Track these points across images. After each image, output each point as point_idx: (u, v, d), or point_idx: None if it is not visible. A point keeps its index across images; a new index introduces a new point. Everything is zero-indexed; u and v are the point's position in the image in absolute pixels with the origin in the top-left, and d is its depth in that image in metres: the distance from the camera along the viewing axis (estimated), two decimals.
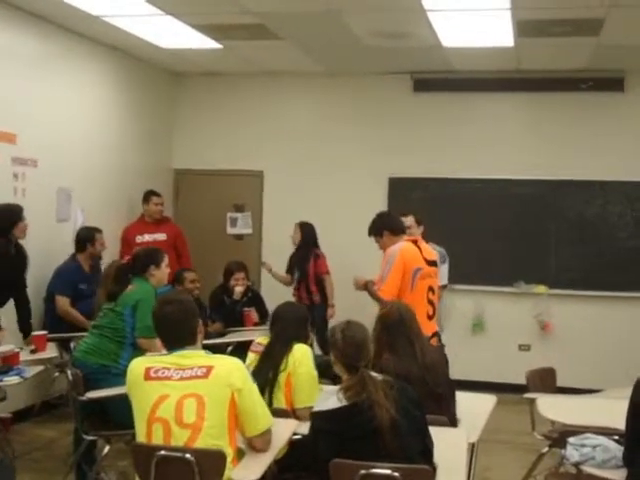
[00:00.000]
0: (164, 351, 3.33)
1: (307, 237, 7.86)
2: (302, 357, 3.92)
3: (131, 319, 4.86)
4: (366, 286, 5.46)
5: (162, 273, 5.16)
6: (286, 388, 3.86)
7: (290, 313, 4.22)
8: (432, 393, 3.58)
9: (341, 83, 8.75)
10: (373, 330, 3.83)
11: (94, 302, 5.92)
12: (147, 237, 7.82)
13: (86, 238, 6.54)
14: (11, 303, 5.88)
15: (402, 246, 5.32)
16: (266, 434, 3.26)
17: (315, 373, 3.93)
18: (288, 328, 4.08)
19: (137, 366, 3.21)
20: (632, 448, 3.14)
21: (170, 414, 3.06)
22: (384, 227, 5.50)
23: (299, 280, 7.84)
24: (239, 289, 7.00)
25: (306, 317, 4.29)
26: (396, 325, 3.81)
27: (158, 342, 4.97)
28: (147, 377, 3.13)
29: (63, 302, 6.27)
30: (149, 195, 7.96)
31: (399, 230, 5.52)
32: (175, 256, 7.76)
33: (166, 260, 5.20)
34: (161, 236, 7.87)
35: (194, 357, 3.19)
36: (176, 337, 3.25)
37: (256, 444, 3.25)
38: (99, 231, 6.63)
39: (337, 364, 3.26)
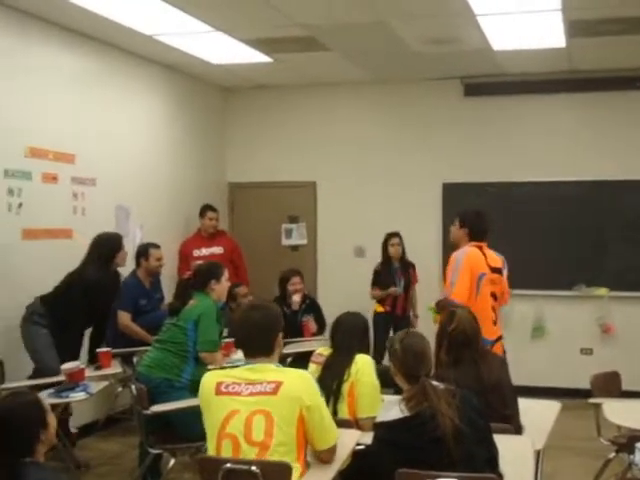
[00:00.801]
0: (225, 364, 3.34)
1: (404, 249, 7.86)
2: (364, 367, 3.92)
3: (193, 333, 4.92)
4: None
5: (222, 287, 5.23)
6: (349, 398, 3.87)
7: (351, 323, 4.23)
8: (498, 415, 3.54)
9: (391, 90, 8.75)
10: (436, 342, 3.82)
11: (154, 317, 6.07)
12: (204, 251, 7.91)
13: (140, 253, 6.64)
14: None
15: (467, 251, 5.27)
16: (333, 448, 3.26)
17: (377, 383, 3.93)
18: (350, 338, 4.10)
19: (209, 380, 3.22)
20: None
21: (239, 430, 3.08)
22: (470, 224, 5.42)
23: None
24: (297, 298, 7.01)
25: (367, 327, 4.30)
26: (462, 342, 3.78)
27: (220, 356, 5.07)
28: (218, 392, 3.15)
29: (125, 317, 6.36)
30: (205, 210, 8.06)
31: (477, 237, 5.42)
32: (232, 269, 7.82)
33: (226, 274, 5.27)
34: (218, 250, 7.95)
35: (264, 371, 3.18)
36: (254, 344, 3.24)
37: (323, 457, 3.26)
38: (155, 246, 6.68)
39: (397, 374, 3.25)
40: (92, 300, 5.61)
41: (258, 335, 3.25)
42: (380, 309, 7.79)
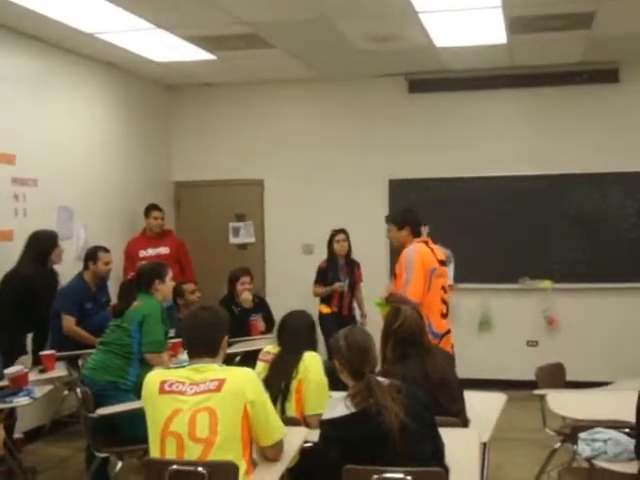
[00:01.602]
0: (171, 364, 3.32)
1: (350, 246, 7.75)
2: (311, 364, 3.92)
3: (138, 335, 4.88)
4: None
5: (167, 287, 5.19)
6: (296, 395, 3.87)
7: (297, 321, 4.22)
8: (445, 411, 3.57)
9: (336, 88, 8.77)
10: (382, 339, 3.83)
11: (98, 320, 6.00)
12: (150, 251, 7.83)
13: (88, 256, 6.54)
14: None
15: (417, 248, 5.34)
16: (278, 444, 3.26)
17: (325, 380, 3.93)
18: (297, 337, 4.09)
19: (152, 380, 3.20)
20: None
21: (183, 429, 3.06)
22: (409, 223, 5.47)
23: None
24: (247, 296, 6.96)
25: (313, 324, 4.30)
26: (408, 340, 3.79)
27: (165, 357, 5.02)
28: (162, 391, 3.13)
29: (69, 322, 6.26)
30: (150, 209, 7.99)
31: (419, 233, 5.52)
32: (179, 269, 7.78)
33: (170, 274, 5.23)
34: (164, 250, 7.89)
35: (207, 370, 3.17)
36: (201, 344, 3.23)
37: (268, 454, 3.26)
38: (105, 250, 6.56)
39: (343, 372, 3.25)
40: (29, 299, 5.55)
41: (205, 335, 3.24)
42: (326, 310, 7.62)
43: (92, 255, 6.51)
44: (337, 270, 7.68)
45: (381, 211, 8.39)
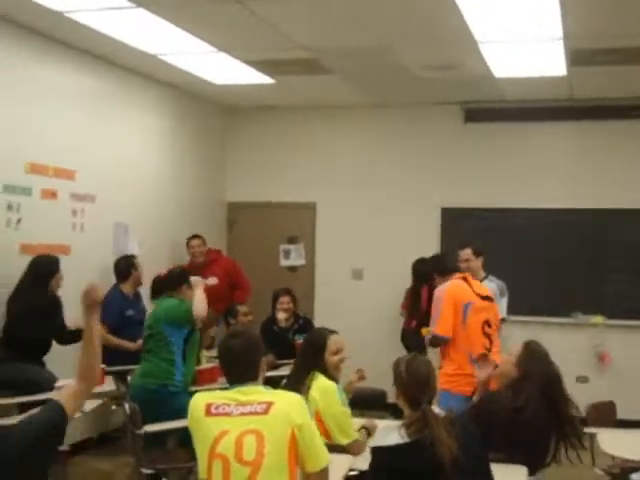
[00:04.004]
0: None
1: None
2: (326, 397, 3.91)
3: (171, 331, 4.97)
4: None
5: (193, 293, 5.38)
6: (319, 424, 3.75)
7: (306, 339, 4.32)
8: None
9: (391, 114, 8.78)
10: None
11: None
12: None
13: (128, 266, 6.67)
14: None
15: (447, 285, 5.41)
16: (324, 471, 3.23)
17: (342, 410, 3.91)
18: (302, 355, 4.16)
19: (198, 402, 3.20)
20: None
21: (230, 451, 3.06)
22: (433, 270, 5.72)
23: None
24: (281, 316, 7.01)
25: (321, 344, 4.17)
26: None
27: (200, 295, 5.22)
28: (208, 413, 3.12)
29: (101, 331, 6.30)
30: (188, 240, 7.94)
31: (447, 270, 5.60)
32: (229, 293, 7.78)
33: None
34: (212, 281, 7.59)
35: (254, 393, 3.16)
36: (239, 371, 3.21)
37: None
38: (135, 257, 6.78)
39: (400, 398, 3.23)
40: (31, 325, 5.52)
41: (242, 363, 3.22)
42: (427, 332, 7.70)
43: (131, 264, 6.67)
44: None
45: (432, 238, 8.40)
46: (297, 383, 3.93)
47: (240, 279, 8.05)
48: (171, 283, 5.29)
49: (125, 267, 6.70)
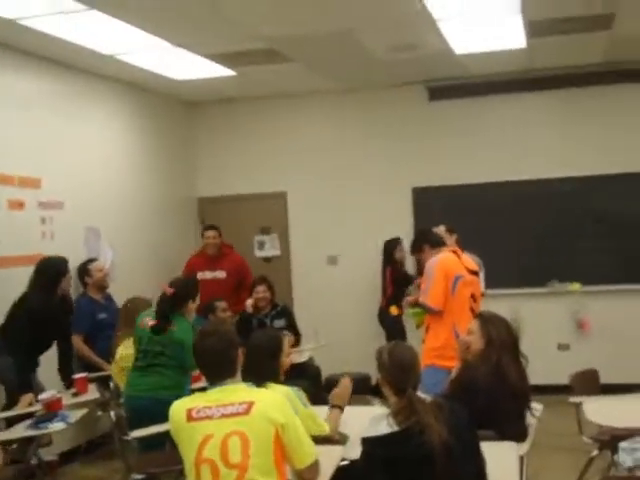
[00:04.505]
0: None
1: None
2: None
3: (182, 353, 4.89)
4: (417, 302, 5.55)
5: (196, 305, 5.23)
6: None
7: (259, 344, 3.95)
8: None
9: (356, 98, 8.76)
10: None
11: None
12: (208, 274, 7.83)
13: (81, 274, 6.67)
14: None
15: (440, 257, 5.42)
16: (314, 465, 3.23)
17: (307, 412, 3.75)
18: (255, 362, 3.77)
19: (178, 410, 3.16)
20: None
21: (216, 454, 3.04)
22: (423, 242, 5.62)
23: None
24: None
25: (279, 346, 3.97)
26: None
27: None
28: (189, 418, 3.09)
29: (77, 340, 6.30)
30: (204, 230, 8.07)
31: (439, 243, 5.62)
32: (234, 290, 7.81)
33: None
34: (221, 274, 7.86)
35: (235, 392, 3.14)
36: (217, 370, 3.20)
37: (305, 476, 3.23)
38: (92, 260, 6.73)
39: (384, 386, 3.22)
40: (39, 327, 5.53)
41: (218, 360, 3.19)
42: (396, 311, 7.74)
43: (83, 270, 6.65)
44: (407, 276, 7.77)
45: (405, 219, 8.40)
46: None
47: (248, 277, 8.00)
48: (179, 300, 5.14)
49: (80, 276, 6.69)
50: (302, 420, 3.55)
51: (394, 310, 7.76)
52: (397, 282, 7.80)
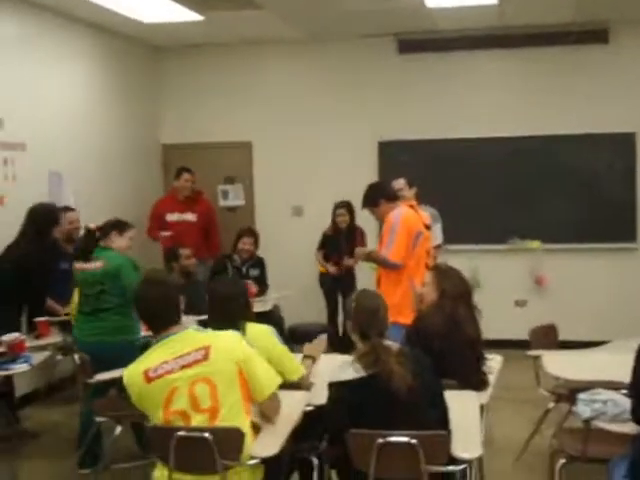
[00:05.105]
0: None
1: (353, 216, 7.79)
2: (267, 343, 3.69)
3: (125, 286, 4.86)
4: (369, 256, 5.56)
5: (123, 242, 5.17)
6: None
7: (224, 291, 3.86)
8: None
9: (325, 49, 8.68)
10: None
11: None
12: (177, 216, 7.83)
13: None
14: None
15: (403, 212, 5.37)
16: (274, 399, 3.26)
17: (283, 348, 3.79)
18: (227, 310, 3.73)
19: (133, 374, 3.12)
20: None
21: (185, 404, 3.06)
22: (380, 196, 5.51)
23: None
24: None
25: (244, 289, 3.98)
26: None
27: None
28: (149, 380, 3.07)
29: None
30: (180, 172, 7.95)
31: (395, 196, 5.58)
32: (203, 236, 7.84)
33: (131, 232, 5.25)
34: (191, 217, 7.86)
35: (186, 339, 3.13)
36: (160, 318, 3.17)
37: (266, 410, 3.27)
38: (68, 209, 6.52)
39: (354, 332, 3.28)
40: (27, 275, 5.48)
41: (163, 308, 3.17)
42: (322, 269, 7.84)
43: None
44: (339, 240, 7.78)
45: (370, 172, 8.39)
46: None
47: (213, 226, 8.10)
48: (102, 233, 5.13)
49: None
50: (280, 357, 3.66)
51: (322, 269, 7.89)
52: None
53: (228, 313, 3.67)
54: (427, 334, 3.77)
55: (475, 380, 3.84)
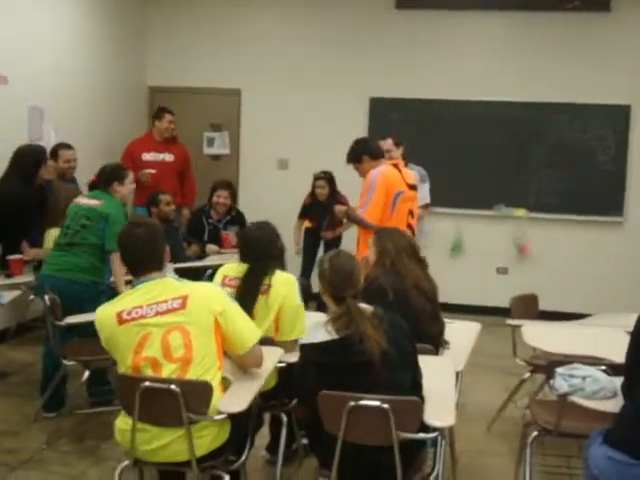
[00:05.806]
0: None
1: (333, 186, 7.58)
2: (288, 291, 3.74)
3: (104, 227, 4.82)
4: (347, 214, 5.49)
5: (125, 190, 5.18)
6: (275, 322, 3.73)
7: (258, 235, 3.94)
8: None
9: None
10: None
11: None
12: (154, 156, 7.58)
13: (49, 154, 6.28)
14: None
15: (383, 170, 5.30)
16: (256, 350, 3.21)
17: (301, 305, 3.80)
18: (260, 253, 3.81)
19: (106, 316, 3.07)
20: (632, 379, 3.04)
21: (157, 351, 2.99)
22: (363, 152, 5.44)
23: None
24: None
25: (275, 237, 4.01)
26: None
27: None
28: (121, 321, 3.02)
29: None
30: (162, 112, 7.66)
31: (379, 154, 5.50)
32: (179, 180, 7.66)
33: (131, 177, 5.22)
34: (169, 157, 7.61)
35: (165, 287, 3.08)
36: (143, 260, 3.13)
37: (247, 361, 3.23)
38: (67, 147, 6.39)
39: (325, 294, 3.18)
40: (11, 215, 5.36)
41: (145, 251, 3.13)
42: (308, 224, 7.66)
43: (52, 152, 6.30)
44: (319, 209, 7.55)
45: (359, 128, 8.25)
46: (255, 287, 3.72)
47: (189, 172, 7.88)
48: (103, 181, 5.07)
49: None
50: (297, 311, 3.71)
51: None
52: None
53: (265, 255, 3.76)
54: (378, 292, 3.67)
55: (433, 331, 3.82)
